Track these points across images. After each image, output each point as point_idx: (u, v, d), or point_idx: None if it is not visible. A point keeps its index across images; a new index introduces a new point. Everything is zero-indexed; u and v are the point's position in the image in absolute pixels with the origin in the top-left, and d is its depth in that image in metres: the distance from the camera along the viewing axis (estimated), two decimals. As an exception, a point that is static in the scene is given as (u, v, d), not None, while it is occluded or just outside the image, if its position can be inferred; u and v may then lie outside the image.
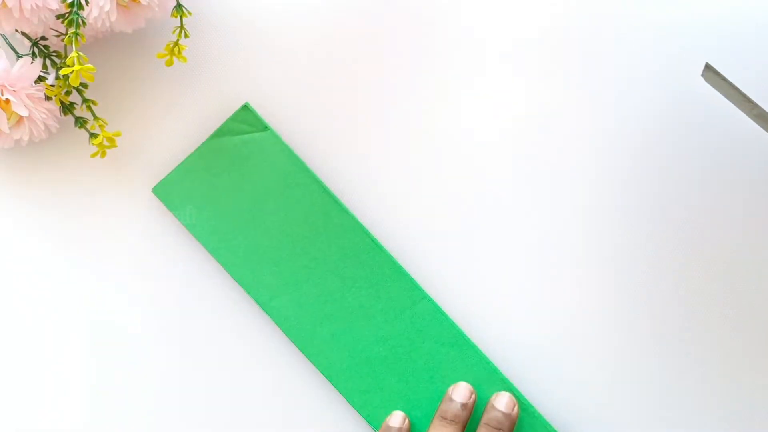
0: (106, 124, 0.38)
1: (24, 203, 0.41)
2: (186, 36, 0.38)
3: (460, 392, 0.38)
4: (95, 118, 0.38)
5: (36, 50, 0.38)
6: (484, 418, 0.38)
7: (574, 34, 0.41)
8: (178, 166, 0.40)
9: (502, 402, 0.38)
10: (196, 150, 0.40)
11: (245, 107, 0.40)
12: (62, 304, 0.40)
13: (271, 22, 0.41)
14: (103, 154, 0.38)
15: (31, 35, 0.38)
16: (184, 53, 0.38)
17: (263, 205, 0.40)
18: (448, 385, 0.39)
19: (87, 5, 0.35)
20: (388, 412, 0.39)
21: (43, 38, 0.38)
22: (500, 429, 0.37)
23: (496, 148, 0.41)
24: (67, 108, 0.38)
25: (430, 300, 0.39)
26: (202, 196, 0.40)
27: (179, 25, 0.38)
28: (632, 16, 0.41)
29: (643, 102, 0.41)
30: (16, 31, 0.37)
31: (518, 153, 0.41)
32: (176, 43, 0.38)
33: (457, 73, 0.41)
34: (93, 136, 0.38)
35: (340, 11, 0.41)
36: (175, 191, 0.40)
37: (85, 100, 0.38)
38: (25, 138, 0.38)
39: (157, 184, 0.40)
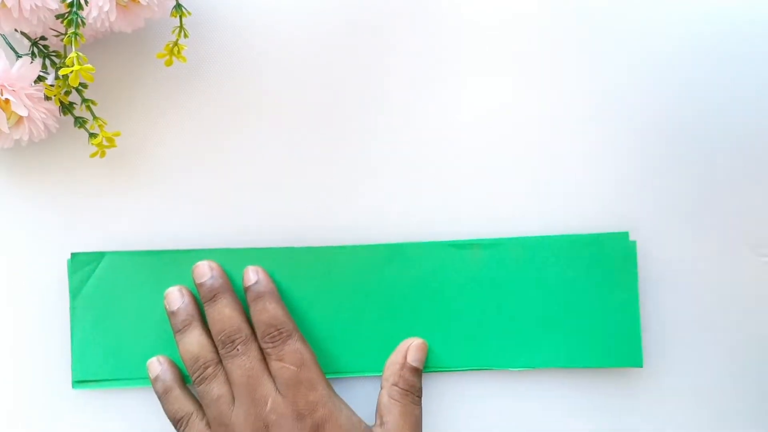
0: (106, 124, 0.38)
1: (23, 203, 0.41)
2: (185, 36, 0.38)
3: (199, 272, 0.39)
4: (95, 118, 0.38)
5: (35, 50, 0.38)
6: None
7: (571, 29, 0.41)
8: (73, 352, 0.39)
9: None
10: (73, 320, 0.39)
11: (72, 258, 0.39)
12: (62, 304, 0.40)
13: (271, 22, 0.41)
14: (103, 154, 0.38)
15: (30, 35, 0.38)
16: (183, 53, 0.38)
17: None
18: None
19: (86, 5, 0.35)
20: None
21: (43, 38, 0.38)
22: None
23: (492, 146, 0.41)
24: (66, 108, 0.38)
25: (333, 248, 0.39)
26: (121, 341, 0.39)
27: (179, 25, 0.38)
28: (630, 13, 0.41)
29: (641, 98, 0.41)
30: (16, 31, 0.37)
31: (515, 153, 0.41)
32: (176, 43, 0.38)
33: (461, 67, 0.41)
34: (92, 136, 0.38)
35: (340, 10, 0.41)
36: (92, 364, 0.39)
37: (84, 100, 0.38)
38: (25, 138, 0.38)
39: (73, 381, 0.39)
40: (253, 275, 0.39)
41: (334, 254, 0.39)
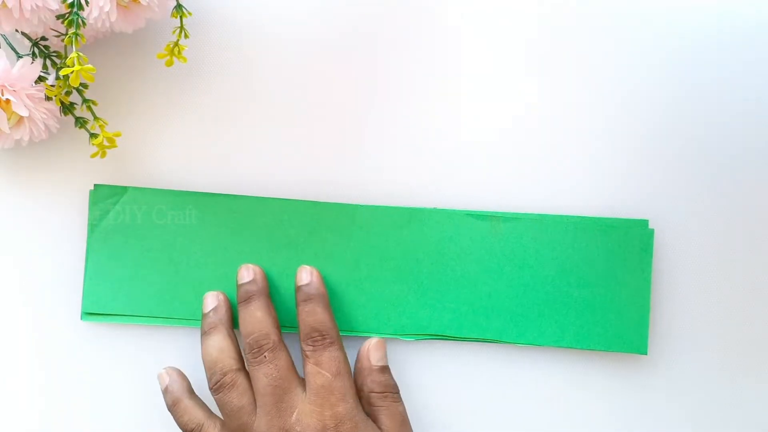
0: (107, 124, 0.38)
1: (24, 203, 0.41)
2: (186, 36, 0.38)
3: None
4: (95, 118, 0.38)
5: (36, 50, 0.38)
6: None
7: (571, 30, 0.41)
8: (85, 283, 0.39)
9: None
10: (88, 251, 0.39)
11: (94, 190, 0.40)
12: (62, 304, 0.40)
13: (272, 23, 0.41)
14: (104, 154, 0.38)
15: (31, 35, 0.38)
16: (184, 53, 0.38)
17: (192, 241, 0.40)
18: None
19: (87, 6, 0.35)
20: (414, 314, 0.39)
21: (44, 38, 0.39)
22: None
23: (494, 146, 0.41)
24: (67, 108, 0.38)
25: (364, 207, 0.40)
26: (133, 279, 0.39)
27: (179, 25, 0.38)
28: (630, 13, 0.41)
29: (642, 99, 0.41)
30: (16, 31, 0.37)
31: (516, 153, 0.41)
32: (176, 44, 0.38)
33: (458, 70, 0.41)
34: (93, 136, 0.38)
35: (340, 11, 0.41)
36: (103, 297, 0.39)
37: (85, 101, 0.38)
38: (26, 138, 0.38)
39: (83, 312, 0.40)
40: (306, 276, 0.38)
41: (354, 212, 0.40)
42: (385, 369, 0.38)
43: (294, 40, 0.41)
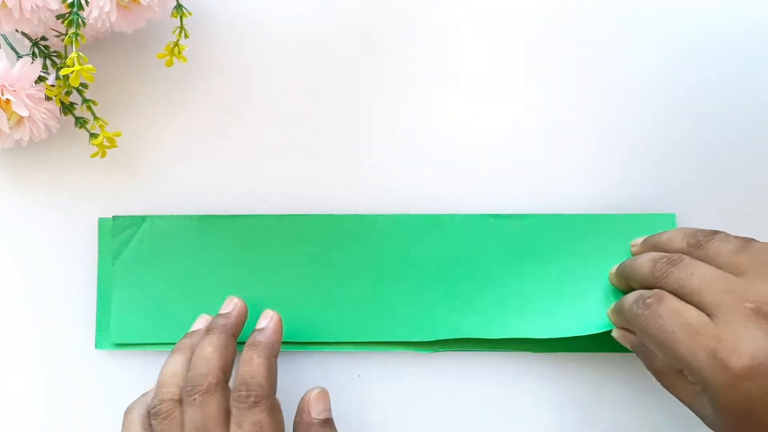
0: (107, 124, 0.38)
1: (24, 203, 0.41)
2: (186, 36, 0.38)
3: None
4: (95, 118, 0.38)
5: (36, 50, 0.38)
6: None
7: (570, 30, 0.41)
8: (113, 314, 0.39)
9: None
10: (114, 283, 0.39)
11: (114, 220, 0.40)
12: (61, 303, 0.40)
13: (271, 22, 0.41)
14: (104, 154, 0.38)
15: (31, 35, 0.38)
16: (184, 53, 0.38)
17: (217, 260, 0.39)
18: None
19: (87, 5, 0.35)
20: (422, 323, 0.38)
21: (44, 38, 0.39)
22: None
23: (494, 146, 0.41)
24: (67, 108, 0.38)
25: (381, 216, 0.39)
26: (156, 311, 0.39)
27: (179, 25, 0.38)
28: (628, 13, 0.41)
29: (643, 99, 0.41)
30: (16, 31, 0.37)
31: (516, 154, 0.41)
32: (176, 44, 0.38)
33: (457, 70, 0.41)
34: (93, 136, 0.38)
35: (340, 11, 0.41)
36: (130, 327, 0.39)
37: (85, 101, 0.38)
38: (26, 138, 0.38)
39: (112, 343, 0.39)
40: (264, 321, 0.36)
41: (374, 222, 0.39)
42: (327, 422, 0.35)
43: (294, 40, 0.41)
